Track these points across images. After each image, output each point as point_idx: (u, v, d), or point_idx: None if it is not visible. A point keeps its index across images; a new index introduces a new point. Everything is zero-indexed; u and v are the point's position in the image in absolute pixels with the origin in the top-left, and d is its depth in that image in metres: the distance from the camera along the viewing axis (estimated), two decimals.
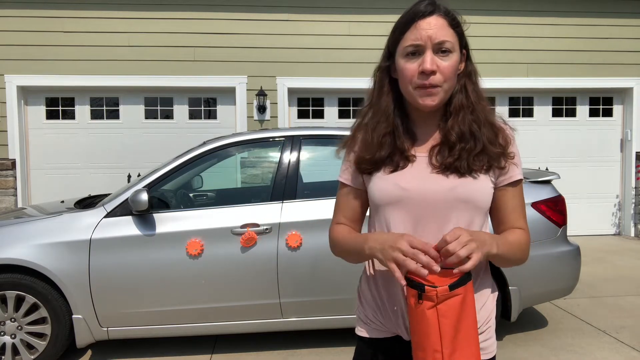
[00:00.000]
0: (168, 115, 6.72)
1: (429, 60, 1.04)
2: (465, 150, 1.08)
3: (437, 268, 0.93)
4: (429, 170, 1.10)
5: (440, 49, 1.04)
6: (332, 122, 6.98)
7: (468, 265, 0.93)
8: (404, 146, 1.12)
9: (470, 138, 1.09)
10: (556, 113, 7.38)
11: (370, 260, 1.21)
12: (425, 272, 0.94)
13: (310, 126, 5.50)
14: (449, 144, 1.10)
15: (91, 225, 3.01)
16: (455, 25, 1.08)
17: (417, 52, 1.06)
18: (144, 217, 3.05)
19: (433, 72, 1.04)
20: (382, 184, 1.11)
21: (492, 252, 1.01)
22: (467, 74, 1.13)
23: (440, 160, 1.10)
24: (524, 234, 1.11)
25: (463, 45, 1.11)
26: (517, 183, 1.13)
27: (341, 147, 1.24)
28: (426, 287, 0.93)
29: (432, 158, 1.11)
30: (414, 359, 1.00)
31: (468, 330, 0.95)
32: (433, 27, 1.04)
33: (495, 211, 1.15)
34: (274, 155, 3.50)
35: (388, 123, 1.13)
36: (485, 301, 1.15)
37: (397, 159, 1.12)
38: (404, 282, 0.95)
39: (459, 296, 0.94)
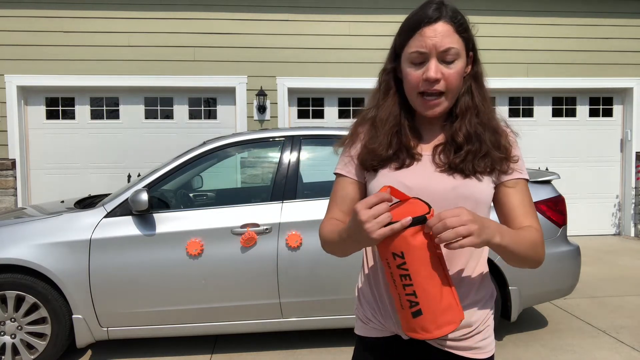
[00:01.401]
0: (168, 115, 6.72)
1: (433, 68, 1.04)
2: (472, 152, 1.09)
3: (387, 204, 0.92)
4: (432, 168, 1.11)
5: (444, 57, 1.05)
6: (332, 122, 6.98)
7: (456, 245, 0.89)
8: (410, 144, 1.13)
9: (476, 140, 1.09)
10: (556, 113, 7.38)
11: (368, 259, 1.21)
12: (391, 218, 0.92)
13: (310, 126, 5.51)
14: (455, 144, 1.10)
15: (91, 225, 3.01)
16: (462, 31, 1.07)
17: (421, 59, 1.06)
18: (144, 217, 3.05)
19: (437, 81, 1.05)
20: (387, 181, 1.12)
21: (494, 241, 0.95)
22: (473, 76, 1.13)
23: (444, 160, 1.11)
24: (536, 232, 1.07)
25: (470, 48, 1.10)
26: (520, 181, 1.13)
27: (340, 143, 1.24)
28: (427, 216, 0.92)
29: (436, 157, 1.12)
30: (422, 296, 0.95)
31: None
32: (438, 35, 1.03)
33: (501, 211, 1.14)
34: (274, 155, 3.51)
35: (395, 122, 1.14)
36: (484, 302, 1.15)
37: (403, 157, 1.12)
38: (408, 221, 0.90)
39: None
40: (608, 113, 7.45)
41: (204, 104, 6.79)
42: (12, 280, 2.92)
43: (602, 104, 7.43)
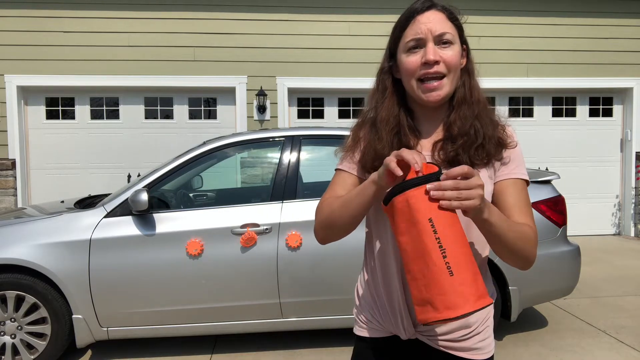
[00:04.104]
0: (168, 115, 6.72)
1: (432, 50, 1.05)
2: (467, 142, 1.09)
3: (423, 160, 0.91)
4: None
5: (441, 41, 1.06)
6: (332, 122, 6.98)
7: (455, 204, 0.88)
8: (410, 143, 1.13)
9: (471, 131, 1.09)
10: (556, 113, 7.38)
11: (368, 259, 1.21)
12: (419, 162, 0.90)
13: (310, 126, 5.51)
14: (451, 137, 1.11)
15: (91, 225, 3.01)
16: (454, 19, 1.09)
17: (418, 46, 1.07)
18: (144, 217, 3.05)
19: (436, 62, 1.05)
20: None
21: (481, 215, 0.93)
22: (467, 71, 1.14)
23: (443, 157, 1.10)
24: (528, 227, 1.05)
25: (463, 40, 1.12)
26: (518, 181, 1.11)
27: (342, 148, 1.23)
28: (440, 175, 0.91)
29: (435, 154, 1.12)
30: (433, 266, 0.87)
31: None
32: (432, 21, 1.06)
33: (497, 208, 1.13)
34: (274, 155, 3.51)
35: (395, 123, 1.14)
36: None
37: None
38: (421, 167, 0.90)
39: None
40: (608, 113, 7.45)
41: (204, 104, 6.79)
42: (12, 280, 2.92)
43: (602, 104, 7.43)
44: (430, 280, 0.87)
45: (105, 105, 6.63)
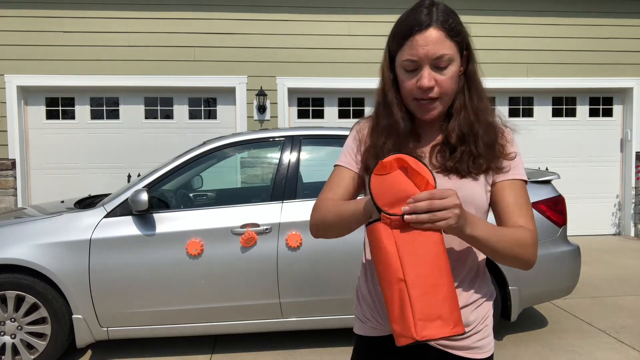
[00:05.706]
0: (168, 115, 6.72)
1: (426, 77, 1.04)
2: (466, 152, 1.09)
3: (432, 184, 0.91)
4: None
5: (437, 64, 1.04)
6: (332, 122, 6.98)
7: (427, 226, 0.89)
8: (409, 147, 1.13)
9: (471, 140, 1.09)
10: (556, 113, 7.38)
11: (367, 258, 1.22)
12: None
13: (310, 126, 5.50)
14: (449, 145, 1.10)
15: (91, 225, 3.01)
16: (454, 35, 1.05)
17: (414, 67, 1.05)
18: (144, 217, 3.05)
19: (430, 88, 1.05)
20: None
21: (464, 231, 0.94)
22: (467, 75, 1.13)
23: (441, 162, 1.11)
24: (525, 231, 1.05)
25: (464, 48, 1.09)
26: (516, 181, 1.12)
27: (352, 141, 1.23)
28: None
29: (432, 158, 1.12)
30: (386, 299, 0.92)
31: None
32: (430, 43, 1.02)
33: (495, 209, 1.13)
34: (274, 155, 3.51)
35: (395, 124, 1.14)
36: (482, 302, 1.15)
37: None
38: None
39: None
40: (608, 113, 7.45)
41: (204, 104, 6.79)
42: (12, 280, 2.92)
43: (602, 104, 7.43)
44: (447, 295, 0.88)
45: (105, 105, 6.63)
